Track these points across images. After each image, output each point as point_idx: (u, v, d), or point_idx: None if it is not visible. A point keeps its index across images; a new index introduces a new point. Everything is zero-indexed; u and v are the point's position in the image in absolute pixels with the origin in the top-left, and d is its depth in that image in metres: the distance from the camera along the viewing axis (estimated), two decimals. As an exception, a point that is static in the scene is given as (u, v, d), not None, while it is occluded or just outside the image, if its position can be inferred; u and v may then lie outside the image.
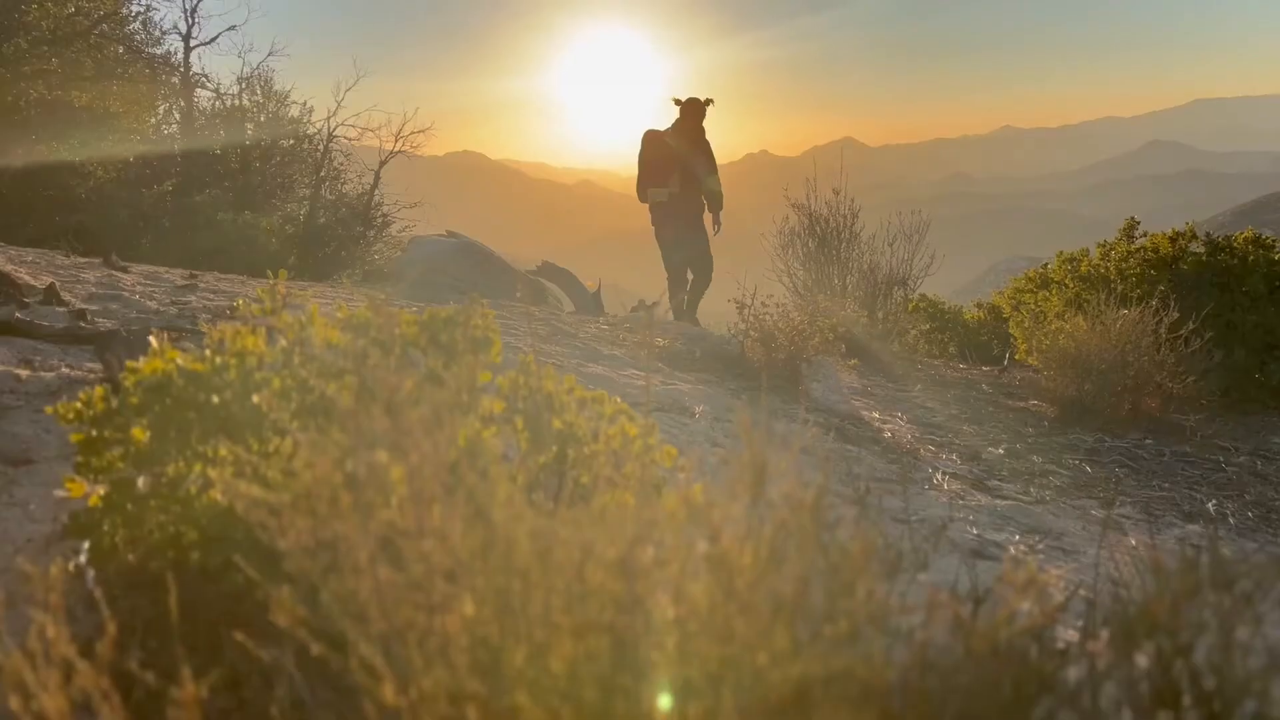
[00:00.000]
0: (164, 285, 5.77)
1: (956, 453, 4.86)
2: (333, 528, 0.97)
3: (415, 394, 1.03)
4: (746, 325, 6.31)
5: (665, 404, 4.69)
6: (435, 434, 0.97)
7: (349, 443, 0.96)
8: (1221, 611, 0.94)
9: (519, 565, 0.89)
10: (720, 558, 0.92)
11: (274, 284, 2.27)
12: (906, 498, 3.76)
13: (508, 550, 0.91)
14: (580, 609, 0.89)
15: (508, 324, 6.34)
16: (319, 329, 2.19)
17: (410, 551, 0.96)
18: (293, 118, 17.26)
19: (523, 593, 0.91)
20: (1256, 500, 4.68)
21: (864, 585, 0.95)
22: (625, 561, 0.84)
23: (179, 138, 16.36)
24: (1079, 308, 6.48)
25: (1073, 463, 4.94)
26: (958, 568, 2.94)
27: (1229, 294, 7.38)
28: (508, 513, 0.91)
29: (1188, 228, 8.14)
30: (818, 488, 1.10)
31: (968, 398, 6.63)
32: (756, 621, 0.88)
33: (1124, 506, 4.22)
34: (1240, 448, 5.74)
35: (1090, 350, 5.79)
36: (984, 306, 11.38)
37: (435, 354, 2.38)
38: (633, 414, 2.40)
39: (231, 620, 1.72)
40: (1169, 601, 0.83)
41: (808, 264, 10.72)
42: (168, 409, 1.92)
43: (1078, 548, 3.36)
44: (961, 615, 1.10)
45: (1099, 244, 8.53)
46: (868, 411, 5.61)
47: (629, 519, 0.88)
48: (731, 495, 1.10)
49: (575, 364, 5.24)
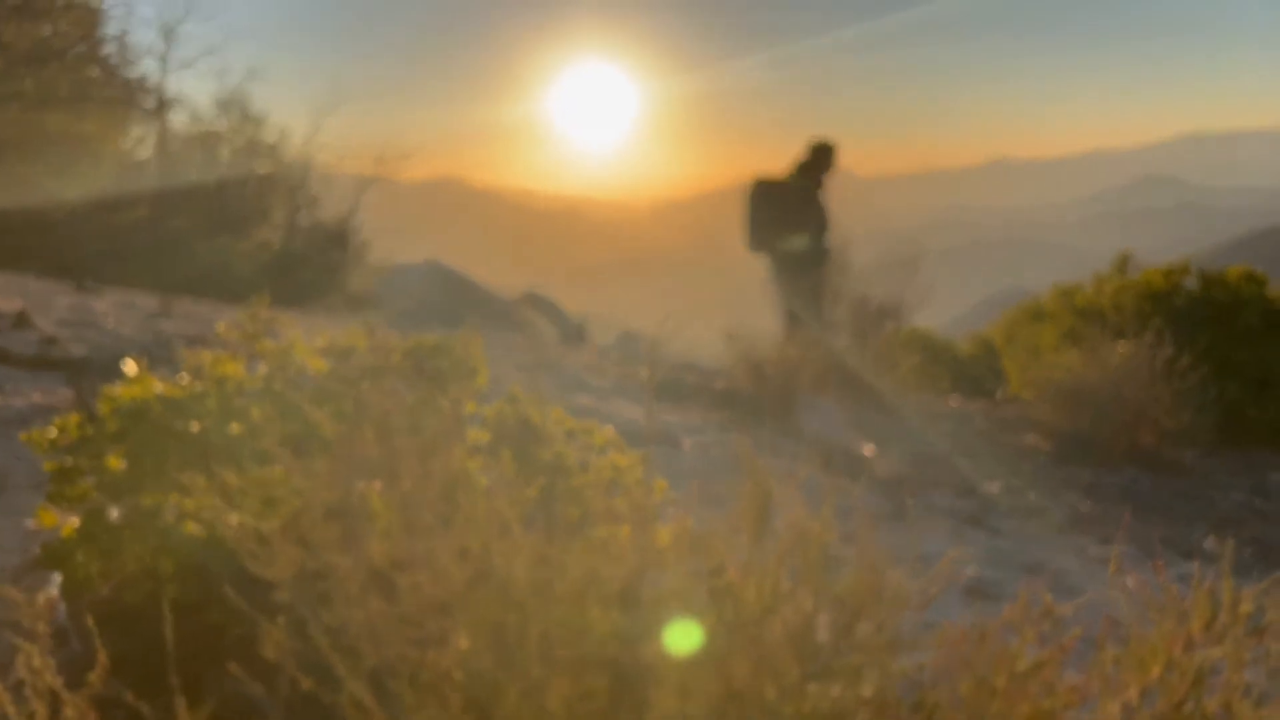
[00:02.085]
0: (137, 311, 5.73)
1: (951, 488, 4.83)
2: (324, 557, 0.94)
3: (408, 420, 1.00)
4: (736, 356, 6.29)
5: (653, 436, 4.66)
6: (429, 461, 0.94)
7: (339, 470, 0.92)
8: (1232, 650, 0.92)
9: (515, 598, 0.85)
10: (724, 591, 0.89)
11: (255, 308, 2.23)
12: (901, 534, 3.72)
13: (504, 582, 0.88)
14: (579, 644, 0.86)
15: (491, 355, 6.29)
16: (302, 355, 2.15)
17: (403, 583, 0.92)
18: (270, 142, 17.20)
19: (519, 627, 0.87)
20: (1254, 537, 4.65)
21: (871, 620, 0.91)
22: (627, 593, 0.81)
23: (154, 161, 16.29)
24: (1074, 341, 6.47)
25: (1069, 499, 4.91)
26: (956, 606, 2.90)
27: (1223, 329, 7.38)
28: (505, 544, 0.87)
29: (1182, 262, 8.17)
30: (822, 520, 1.07)
31: (962, 432, 6.60)
32: (762, 656, 0.85)
33: (1122, 543, 4.18)
34: (1237, 484, 5.71)
35: (1086, 384, 5.78)
36: (977, 339, 11.37)
37: (421, 382, 2.34)
38: (622, 444, 2.36)
39: (211, 655, 1.67)
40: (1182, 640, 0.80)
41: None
42: (145, 436, 1.87)
43: (1077, 586, 3.32)
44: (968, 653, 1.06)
45: (1094, 277, 8.55)
46: (860, 445, 5.58)
47: (630, 550, 0.85)
48: (735, 527, 1.07)
49: (561, 395, 5.22)
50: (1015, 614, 0.98)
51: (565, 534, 1.93)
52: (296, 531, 0.91)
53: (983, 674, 0.92)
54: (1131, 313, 7.43)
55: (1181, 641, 0.80)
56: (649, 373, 6.82)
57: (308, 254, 16.56)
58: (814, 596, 1.00)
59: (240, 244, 15.34)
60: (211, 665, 1.54)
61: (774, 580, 1.00)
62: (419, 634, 0.90)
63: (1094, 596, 3.26)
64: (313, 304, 15.46)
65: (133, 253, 14.19)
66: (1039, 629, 1.10)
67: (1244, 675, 0.99)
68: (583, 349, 9.17)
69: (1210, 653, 0.83)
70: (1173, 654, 0.81)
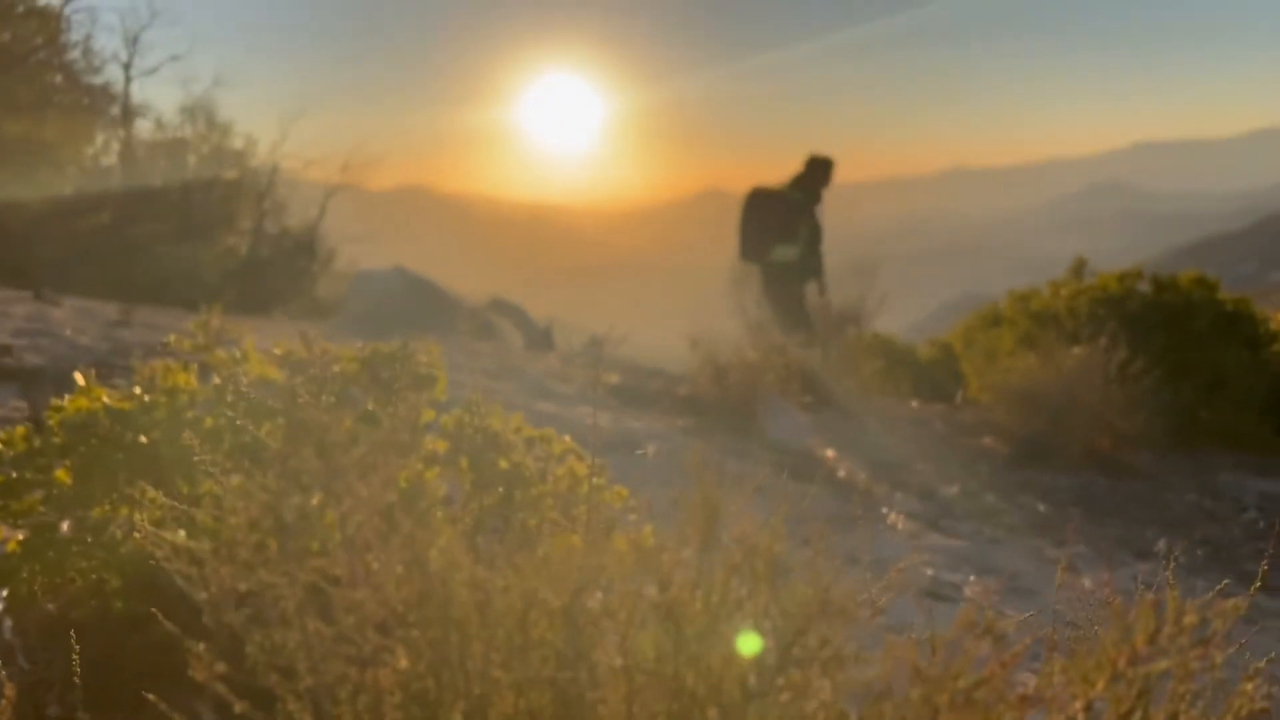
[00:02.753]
0: (97, 320, 5.63)
1: (911, 491, 4.86)
2: (259, 576, 0.91)
3: (350, 434, 0.98)
4: (700, 362, 6.30)
5: (616, 442, 4.65)
6: (369, 477, 0.92)
7: (277, 486, 0.90)
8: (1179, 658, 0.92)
9: (456, 616, 0.84)
10: (670, 606, 0.88)
11: (207, 318, 2.19)
12: (861, 538, 3.74)
13: (445, 600, 0.86)
14: (521, 662, 0.84)
15: (455, 361, 6.26)
16: (255, 366, 2.11)
17: (342, 601, 0.90)
18: (236, 149, 17.03)
19: (460, 645, 0.85)
20: (1205, 538, 4.73)
21: (818, 633, 0.91)
22: (569, 612, 0.79)
23: (118, 169, 16.07)
24: (1030, 345, 6.55)
25: (1026, 501, 4.97)
26: (914, 610, 2.91)
27: (1176, 333, 7.51)
28: (444, 561, 0.85)
29: (1135, 268, 8.31)
30: (771, 530, 1.06)
31: (921, 435, 6.65)
32: (708, 672, 0.84)
33: (1077, 546, 4.24)
34: (1189, 486, 5.81)
35: (1042, 388, 5.85)
36: (936, 344, 11.48)
37: (377, 391, 2.31)
38: (582, 453, 2.34)
39: (159, 672, 1.63)
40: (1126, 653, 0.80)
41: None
42: (93, 449, 1.83)
43: (1033, 588, 3.35)
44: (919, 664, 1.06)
45: (1050, 282, 8.66)
46: (822, 449, 5.61)
47: (574, 566, 0.83)
48: (682, 539, 1.06)
49: (524, 401, 5.18)
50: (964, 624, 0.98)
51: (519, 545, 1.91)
52: (232, 551, 0.89)
53: (930, 687, 0.92)
54: (1086, 317, 7.53)
55: (1126, 655, 0.80)
56: (598, 377, 6.80)
57: (274, 261, 16.39)
58: (762, 609, 0.99)
59: (206, 251, 15.14)
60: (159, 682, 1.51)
61: (722, 593, 0.99)
62: (358, 653, 0.88)
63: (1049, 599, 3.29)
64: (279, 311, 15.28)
65: (95, 260, 13.95)
66: (988, 639, 1.10)
67: (1191, 684, 1.00)
68: (549, 354, 9.14)
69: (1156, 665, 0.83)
70: (1118, 667, 0.81)
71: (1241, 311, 8.08)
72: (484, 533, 2.04)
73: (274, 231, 16.94)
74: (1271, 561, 4.56)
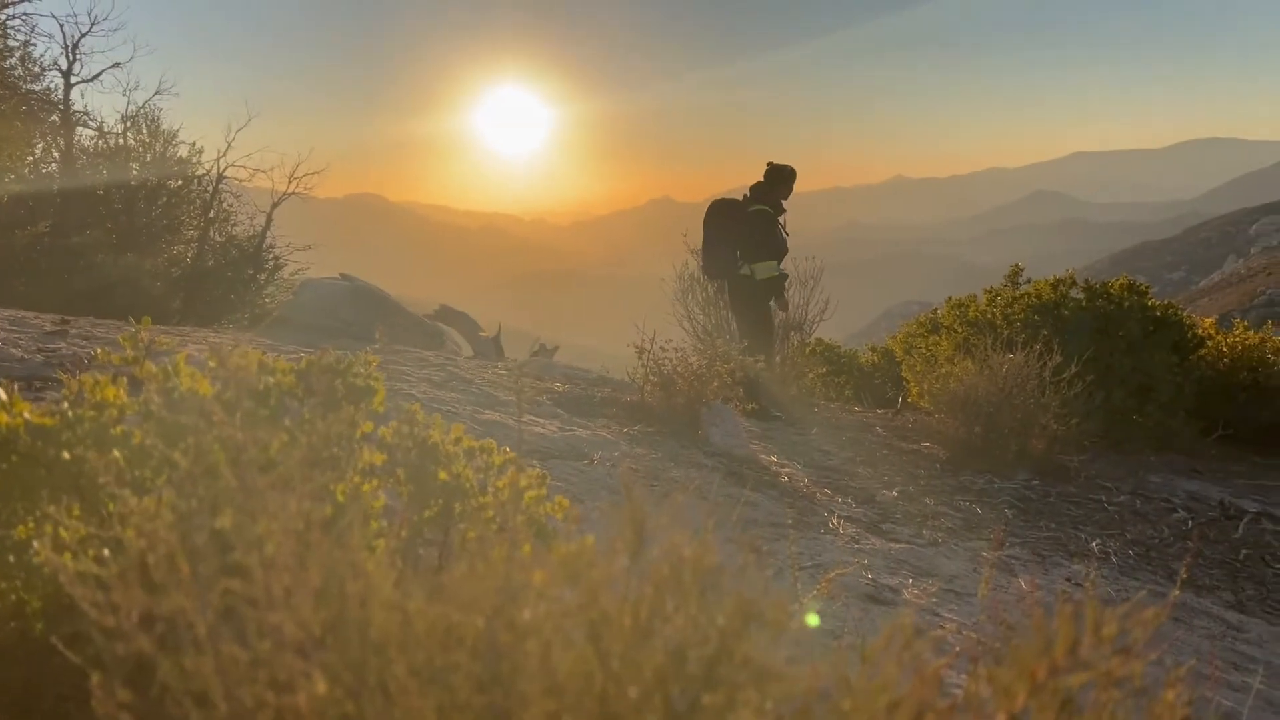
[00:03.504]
0: (31, 331, 5.46)
1: (852, 496, 4.91)
2: (171, 600, 0.89)
3: (267, 452, 0.95)
4: (646, 370, 6.29)
5: (563, 451, 4.62)
6: (286, 496, 0.90)
7: (188, 507, 0.88)
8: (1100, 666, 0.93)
9: (375, 639, 0.82)
10: (596, 623, 0.87)
11: (137, 330, 2.14)
12: (803, 543, 3.76)
13: (363, 622, 0.84)
14: (443, 685, 0.82)
15: (401, 370, 6.19)
16: (186, 379, 2.06)
17: (257, 624, 0.88)
18: (181, 157, 16.71)
19: (380, 668, 0.84)
20: (1137, 538, 4.84)
21: (744, 648, 0.90)
22: (488, 633, 0.78)
23: (58, 177, 15.67)
24: (967, 352, 6.66)
25: (964, 504, 5.04)
26: (853, 614, 2.93)
27: (1108, 338, 7.70)
28: (363, 582, 0.84)
29: (1068, 274, 8.49)
30: (701, 542, 1.06)
31: (863, 440, 6.73)
32: (632, 692, 0.83)
33: (1013, 547, 4.31)
34: (1121, 487, 5.95)
35: (979, 393, 5.95)
36: (878, 350, 11.64)
37: (313, 404, 2.26)
38: (523, 464, 2.32)
39: (82, 696, 1.58)
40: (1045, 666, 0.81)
41: (707, 309, 10.83)
42: (14, 466, 1.77)
43: (969, 590, 3.40)
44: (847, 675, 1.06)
45: (986, 290, 8.83)
46: (765, 455, 5.64)
47: (495, 587, 0.82)
48: (611, 553, 1.05)
49: (470, 411, 5.13)
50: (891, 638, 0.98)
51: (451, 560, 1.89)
52: (140, 575, 0.86)
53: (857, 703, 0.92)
54: (1021, 323, 7.69)
55: (1046, 667, 0.81)
56: (520, 384, 6.77)
57: (220, 270, 16.09)
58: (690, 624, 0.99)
59: (149, 261, 14.80)
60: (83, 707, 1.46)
61: (649, 608, 0.98)
62: (275, 677, 0.86)
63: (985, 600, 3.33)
64: (224, 321, 14.98)
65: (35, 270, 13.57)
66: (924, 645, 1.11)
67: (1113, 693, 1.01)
68: (497, 363, 9.07)
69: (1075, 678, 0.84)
70: (1038, 679, 0.81)
71: (1169, 317, 8.31)
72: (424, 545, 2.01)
73: (220, 240, 16.64)
74: (1198, 561, 4.69)
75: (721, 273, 7.70)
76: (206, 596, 0.85)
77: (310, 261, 17.46)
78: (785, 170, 7.57)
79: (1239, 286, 47.79)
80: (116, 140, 16.35)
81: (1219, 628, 3.62)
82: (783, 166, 7.57)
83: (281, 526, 0.90)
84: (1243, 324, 9.91)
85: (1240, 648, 3.43)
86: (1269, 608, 4.13)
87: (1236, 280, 50.83)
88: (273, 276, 17.01)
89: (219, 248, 16.72)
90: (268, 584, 0.91)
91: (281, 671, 0.85)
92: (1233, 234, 73.42)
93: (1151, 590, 3.95)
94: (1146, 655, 1.04)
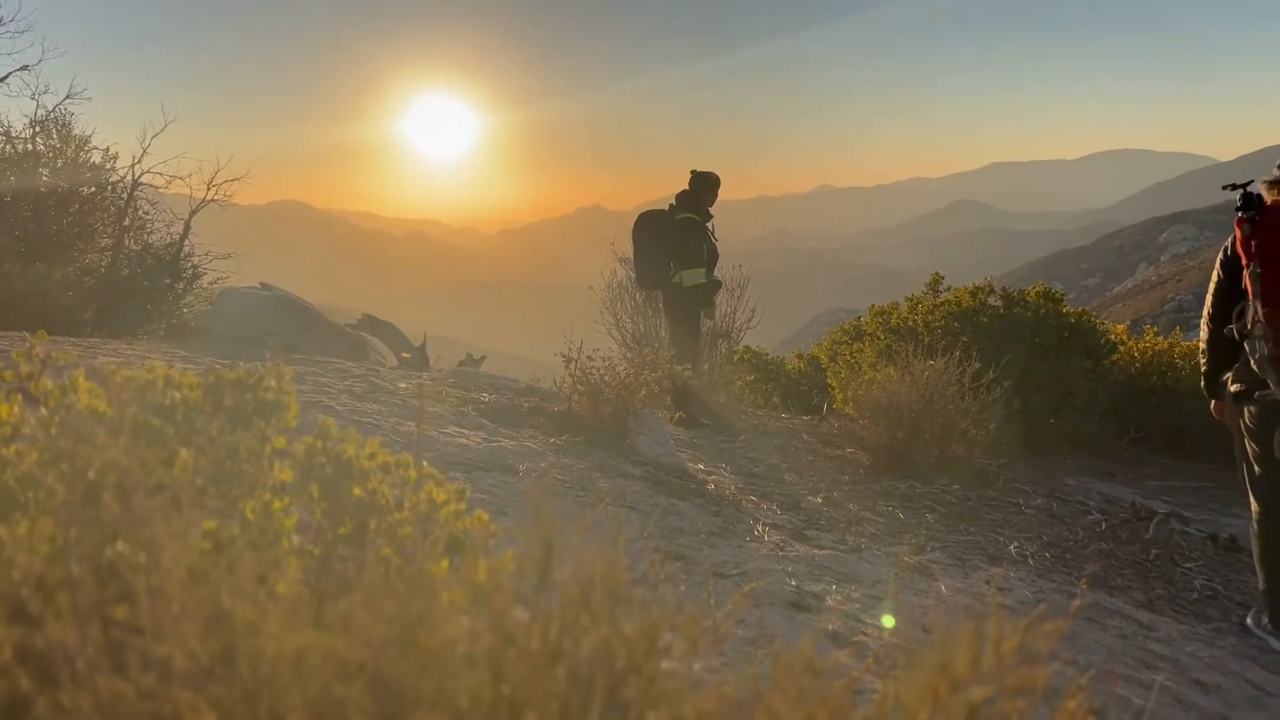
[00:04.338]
0: (-72, 344, 5.22)
1: (777, 502, 4.94)
2: (49, 633, 0.84)
3: (157, 476, 0.91)
4: (573, 379, 6.27)
5: (487, 463, 4.57)
6: (173, 521, 0.86)
7: (67, 536, 0.83)
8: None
9: (265, 672, 0.79)
10: (496, 649, 0.85)
11: (31, 344, 2.05)
12: (728, 551, 3.77)
13: (254, 654, 0.81)
14: (338, 718, 0.79)
15: (322, 382, 6.06)
16: (84, 396, 1.98)
17: (142, 656, 0.84)
18: (94, 164, 16.17)
19: (271, 702, 0.80)
20: (1052, 541, 4.96)
21: (651, 668, 0.89)
22: (378, 672, 0.75)
23: (-39, 184, 15.05)
24: (890, 359, 6.78)
25: (886, 509, 5.11)
26: (776, 621, 2.95)
27: (1025, 345, 7.90)
28: (252, 611, 0.80)
29: (986, 282, 8.70)
30: (609, 561, 1.04)
31: (789, 447, 6.79)
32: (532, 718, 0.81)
33: (934, 552, 4.38)
34: (1038, 490, 6.10)
35: (900, 399, 6.05)
36: (804, 357, 11.78)
37: (221, 420, 2.20)
38: (440, 478, 2.28)
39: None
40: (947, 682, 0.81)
41: (636, 317, 10.85)
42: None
43: (891, 595, 3.44)
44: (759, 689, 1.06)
45: (908, 298, 9.00)
46: (693, 463, 5.65)
47: (392, 615, 0.79)
48: (519, 574, 1.03)
49: (392, 423, 5.05)
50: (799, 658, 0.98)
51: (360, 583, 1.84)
52: (15, 607, 0.82)
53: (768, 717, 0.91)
54: (942, 330, 7.85)
55: (947, 683, 0.81)
56: (476, 395, 6.69)
57: (135, 280, 15.58)
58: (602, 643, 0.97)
59: (60, 270, 14.26)
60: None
61: (558, 628, 0.96)
62: (158, 712, 0.82)
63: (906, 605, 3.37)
64: (140, 332, 14.51)
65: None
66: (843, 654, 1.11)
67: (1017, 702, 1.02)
68: (422, 373, 8.94)
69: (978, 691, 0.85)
70: (940, 696, 0.81)
71: (1083, 324, 8.57)
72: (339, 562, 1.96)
73: (136, 249, 16.13)
74: (1111, 562, 4.82)
75: (655, 283, 7.69)
76: (85, 629, 0.81)
77: (231, 270, 17.04)
78: (709, 177, 7.57)
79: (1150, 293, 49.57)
80: (25, 145, 15.77)
81: (1130, 627, 3.73)
82: (706, 173, 7.56)
83: (170, 553, 0.86)
84: (1153, 330, 10.28)
85: (1150, 646, 3.53)
86: (1178, 606, 4.26)
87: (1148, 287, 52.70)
88: (191, 286, 16.57)
89: (134, 256, 16.22)
90: (155, 613, 0.87)
91: (168, 705, 0.81)
92: (1144, 242, 76.16)
93: (1066, 592, 4.05)
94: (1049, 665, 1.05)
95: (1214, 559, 5.09)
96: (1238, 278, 3.89)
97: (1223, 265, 4.00)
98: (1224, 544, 5.37)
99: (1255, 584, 4.13)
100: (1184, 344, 9.55)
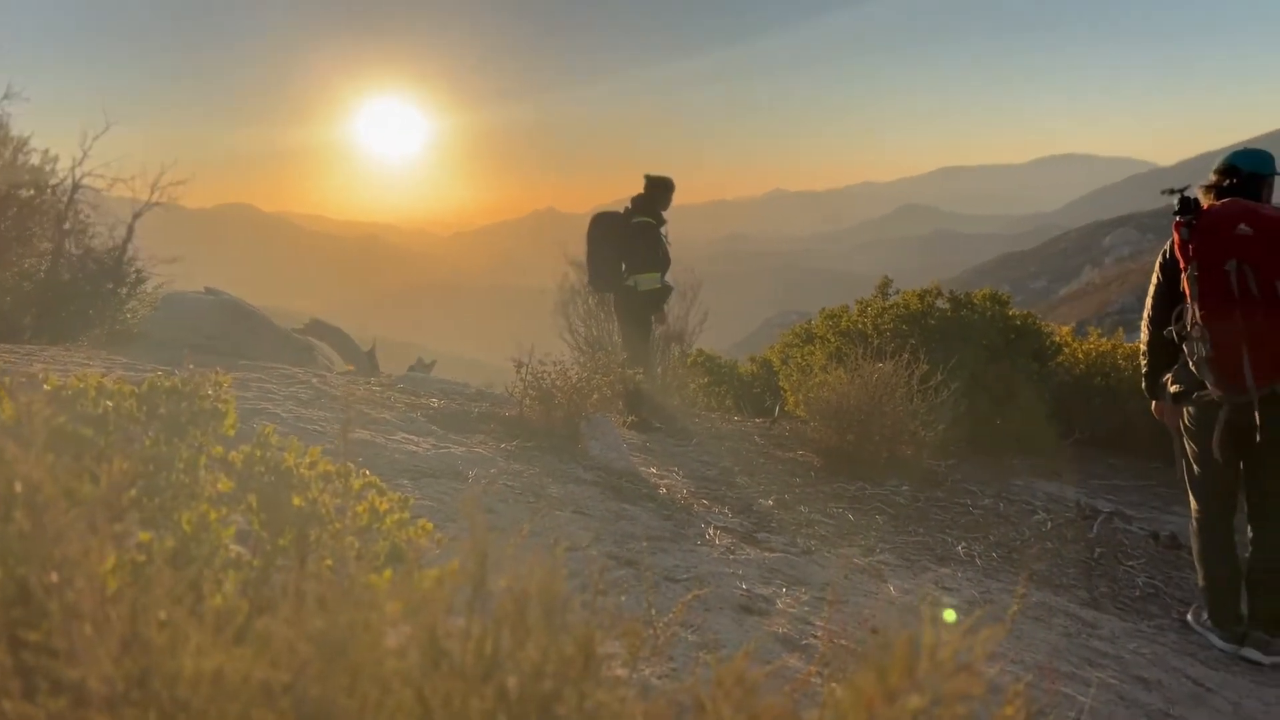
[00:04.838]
0: None
1: (729, 506, 4.95)
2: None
3: (68, 490, 0.88)
4: (525, 384, 6.22)
5: (436, 469, 4.52)
6: (89, 537, 0.83)
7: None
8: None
9: (182, 695, 0.76)
10: (427, 666, 0.82)
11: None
12: (679, 555, 3.76)
13: (173, 675, 0.78)
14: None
15: (266, 388, 5.96)
16: (7, 408, 1.92)
17: (53, 680, 0.80)
18: (32, 165, 15.79)
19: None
20: (1000, 541, 5.02)
21: (586, 682, 0.87)
22: (298, 694, 0.73)
23: (-108, 187, 14.59)
24: (840, 361, 6.82)
25: (837, 511, 5.14)
26: (726, 625, 2.94)
27: (972, 347, 8.01)
28: (169, 632, 0.77)
29: (934, 285, 8.81)
30: (546, 572, 1.02)
31: (741, 450, 6.81)
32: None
33: (883, 553, 4.41)
34: (985, 491, 6.18)
35: (850, 401, 6.10)
36: (757, 360, 11.83)
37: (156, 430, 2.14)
38: (383, 487, 2.24)
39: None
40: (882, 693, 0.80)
41: (589, 321, 10.83)
42: None
43: (841, 597, 3.46)
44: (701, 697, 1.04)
45: (858, 301, 9.08)
46: (645, 467, 5.64)
47: (315, 633, 0.77)
48: (453, 587, 1.01)
49: (339, 430, 4.97)
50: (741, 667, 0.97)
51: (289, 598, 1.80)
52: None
53: None
54: (890, 333, 7.93)
55: (882, 695, 0.80)
56: (425, 401, 6.62)
57: (77, 284, 15.23)
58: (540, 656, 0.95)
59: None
60: None
61: (493, 643, 0.94)
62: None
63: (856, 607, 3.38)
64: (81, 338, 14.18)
65: None
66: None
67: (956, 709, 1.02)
68: (370, 379, 8.82)
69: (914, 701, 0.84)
70: (875, 709, 0.81)
71: (1029, 326, 8.71)
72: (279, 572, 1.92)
73: (77, 253, 15.76)
74: (1056, 561, 4.89)
75: (607, 285, 7.68)
76: (-10, 654, 0.77)
77: (176, 275, 16.71)
78: (664, 181, 7.57)
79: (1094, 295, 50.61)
80: (-41, 147, 15.37)
81: (1075, 625, 3.78)
82: (661, 178, 7.57)
83: (84, 571, 0.83)
84: (1096, 331, 10.51)
85: (1094, 644, 3.59)
86: (1120, 604, 4.34)
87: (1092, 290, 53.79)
88: (134, 291, 16.23)
89: (75, 261, 15.87)
90: (69, 634, 0.84)
91: (81, 732, 0.78)
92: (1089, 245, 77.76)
93: (1012, 591, 4.10)
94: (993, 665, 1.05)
95: (1156, 557, 5.19)
96: (1176, 280, 3.97)
97: (1162, 268, 4.09)
98: (1165, 542, 5.48)
99: (1195, 581, 4.21)
100: (1126, 345, 9.75)
